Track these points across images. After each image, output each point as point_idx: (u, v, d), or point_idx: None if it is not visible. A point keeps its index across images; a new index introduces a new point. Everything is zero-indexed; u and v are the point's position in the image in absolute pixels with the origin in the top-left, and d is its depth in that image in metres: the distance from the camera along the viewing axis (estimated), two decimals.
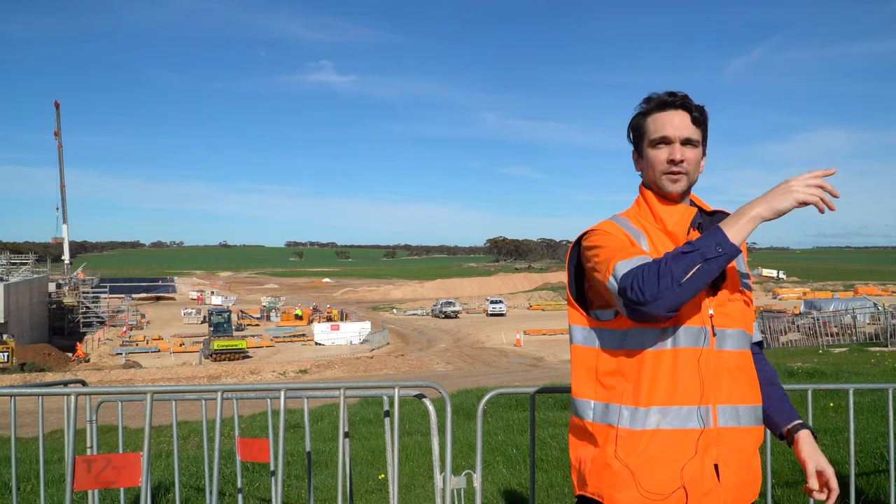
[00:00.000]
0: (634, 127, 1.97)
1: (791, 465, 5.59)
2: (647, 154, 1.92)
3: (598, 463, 1.79)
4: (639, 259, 1.71)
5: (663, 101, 1.90)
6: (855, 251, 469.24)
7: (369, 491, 5.89)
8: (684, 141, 1.87)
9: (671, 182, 1.87)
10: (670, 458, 1.72)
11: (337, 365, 34.12)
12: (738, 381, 1.81)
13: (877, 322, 24.73)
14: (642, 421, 1.73)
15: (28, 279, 55.42)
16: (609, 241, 1.81)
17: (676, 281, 1.60)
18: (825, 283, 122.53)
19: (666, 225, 1.87)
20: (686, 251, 1.63)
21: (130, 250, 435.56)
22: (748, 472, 1.80)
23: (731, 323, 1.82)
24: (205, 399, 4.59)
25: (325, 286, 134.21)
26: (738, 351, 1.82)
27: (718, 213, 1.95)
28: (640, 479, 1.71)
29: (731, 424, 1.77)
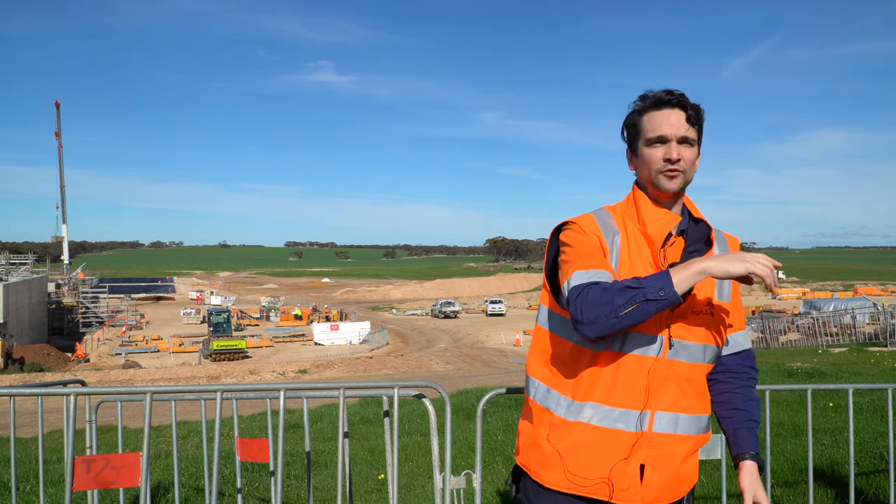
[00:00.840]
0: (630, 125, 1.95)
1: (791, 465, 5.59)
2: (643, 152, 1.90)
3: (530, 439, 1.90)
4: (595, 274, 1.74)
5: (660, 99, 1.88)
6: (854, 251, 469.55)
7: (369, 491, 5.88)
8: (681, 140, 1.86)
9: (668, 180, 1.86)
10: (599, 451, 1.79)
11: (336, 365, 34.10)
12: (684, 391, 1.84)
13: (876, 322, 24.73)
14: (576, 413, 1.81)
15: (27, 279, 55.38)
16: (577, 242, 1.84)
17: (615, 312, 1.65)
18: (825, 283, 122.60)
19: (646, 228, 1.87)
20: (632, 286, 1.66)
21: (130, 250, 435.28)
22: (674, 476, 1.85)
23: (691, 337, 1.83)
24: (204, 399, 4.59)
25: (325, 286, 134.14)
26: (691, 363, 1.84)
27: (703, 223, 1.95)
28: (568, 462, 1.81)
29: (667, 431, 1.82)
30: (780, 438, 6.63)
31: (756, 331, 33.18)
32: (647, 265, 1.84)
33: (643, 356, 1.79)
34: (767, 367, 13.63)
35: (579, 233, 1.86)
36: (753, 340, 30.38)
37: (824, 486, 4.93)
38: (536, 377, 1.94)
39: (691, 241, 1.92)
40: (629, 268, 1.83)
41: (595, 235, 1.85)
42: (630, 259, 1.84)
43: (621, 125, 1.99)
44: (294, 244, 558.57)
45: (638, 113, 1.92)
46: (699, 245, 1.92)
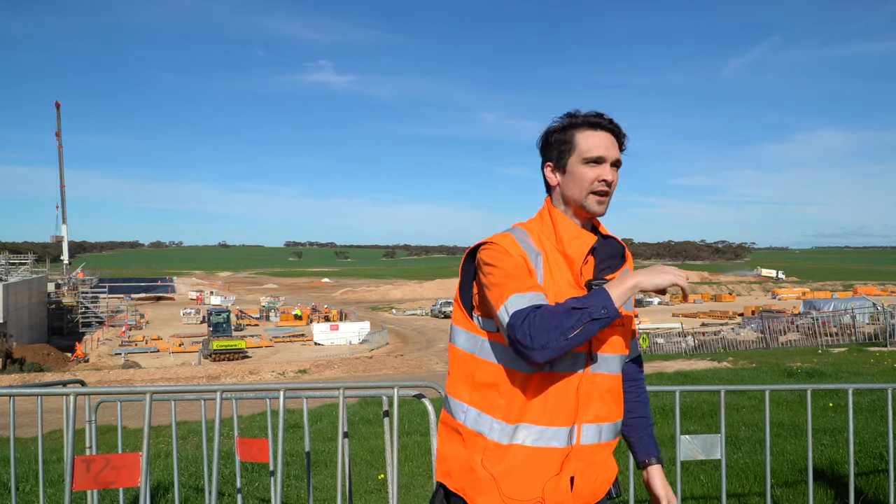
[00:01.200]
0: (559, 140, 1.93)
1: (790, 465, 5.59)
2: (574, 170, 1.90)
3: (464, 464, 1.86)
4: (533, 296, 1.75)
5: (596, 121, 1.91)
6: (854, 251, 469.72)
7: (369, 491, 5.88)
8: (614, 163, 1.91)
9: (598, 203, 1.90)
10: (533, 471, 1.81)
11: (336, 365, 34.09)
12: (606, 401, 1.90)
13: (876, 322, 24.71)
14: (510, 436, 1.81)
15: (27, 279, 55.37)
16: (505, 264, 1.81)
17: (565, 335, 1.68)
18: (824, 283, 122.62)
19: (565, 248, 1.88)
20: (577, 307, 1.70)
21: (129, 250, 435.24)
22: (598, 481, 1.92)
23: (611, 349, 1.89)
24: (204, 399, 4.58)
25: (325, 286, 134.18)
26: (611, 374, 1.91)
27: (611, 238, 1.99)
28: (503, 486, 1.80)
29: (592, 442, 1.88)
30: (780, 438, 6.64)
31: (756, 331, 33.18)
32: (568, 284, 1.86)
33: (570, 374, 1.82)
34: (767, 367, 13.64)
35: (504, 254, 1.82)
36: (753, 340, 30.37)
37: (824, 486, 4.93)
38: (463, 401, 1.90)
39: (602, 259, 1.94)
40: (553, 288, 1.84)
41: (520, 257, 1.83)
42: (553, 279, 1.85)
43: (544, 137, 1.97)
44: (294, 244, 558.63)
45: (570, 129, 1.92)
46: (613, 261, 1.95)
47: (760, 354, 19.41)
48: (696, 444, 3.52)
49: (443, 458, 1.94)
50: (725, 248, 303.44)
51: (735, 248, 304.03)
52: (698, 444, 3.52)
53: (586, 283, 1.87)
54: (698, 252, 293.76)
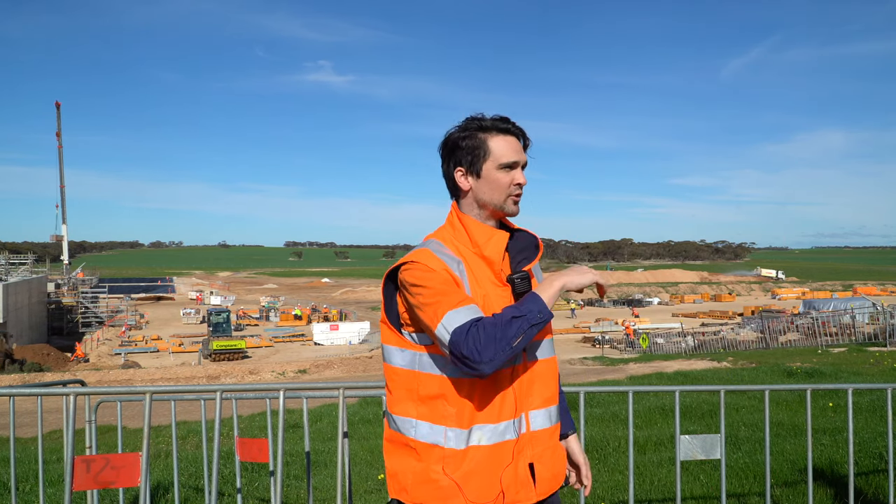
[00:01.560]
0: (472, 146, 1.95)
1: (790, 465, 5.60)
2: (490, 175, 1.94)
3: (421, 477, 1.88)
4: (468, 311, 1.78)
5: (505, 126, 1.96)
6: (853, 251, 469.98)
7: (368, 491, 5.88)
8: (523, 166, 1.99)
9: (515, 204, 1.97)
10: (491, 469, 1.86)
11: (336, 365, 34.09)
12: (547, 384, 1.98)
13: (875, 322, 24.73)
14: (465, 440, 1.86)
15: (27, 279, 55.38)
16: (432, 282, 1.82)
17: (509, 344, 1.74)
18: (824, 283, 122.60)
19: (482, 250, 1.94)
20: (517, 316, 1.77)
21: (129, 250, 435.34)
22: (557, 464, 2.02)
23: (540, 334, 1.95)
24: (204, 399, 4.59)
25: (325, 286, 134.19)
26: (546, 358, 1.99)
27: (522, 231, 2.05)
28: (466, 491, 1.85)
29: (544, 426, 1.96)
30: (780, 438, 6.64)
31: (755, 331, 33.21)
32: (492, 285, 1.92)
33: (513, 366, 1.89)
34: (767, 367, 13.64)
35: (427, 271, 1.83)
36: (753, 340, 30.39)
37: (824, 485, 4.93)
38: (411, 416, 1.91)
39: (516, 252, 2.01)
40: (480, 291, 1.89)
41: (444, 270, 1.84)
42: (478, 282, 1.90)
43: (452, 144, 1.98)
44: (294, 244, 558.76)
45: (480, 135, 1.95)
46: (527, 252, 2.02)
47: (760, 354, 19.42)
48: (696, 444, 3.52)
49: (394, 475, 1.96)
50: (725, 248, 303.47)
51: (735, 248, 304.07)
52: (698, 443, 3.53)
53: (507, 278, 1.94)
54: (698, 252, 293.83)
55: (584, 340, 49.49)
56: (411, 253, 1.92)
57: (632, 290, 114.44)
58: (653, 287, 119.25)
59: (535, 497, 1.92)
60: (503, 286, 1.93)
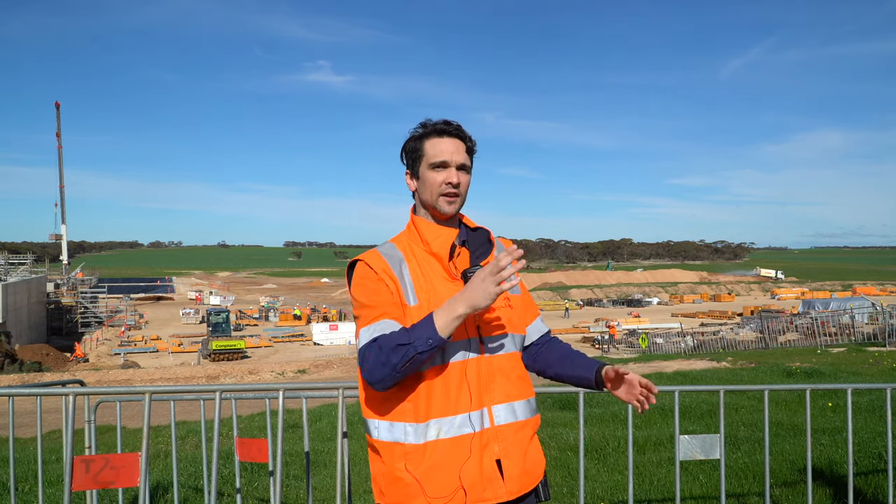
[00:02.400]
0: (411, 149, 2.09)
1: (790, 465, 5.60)
2: (425, 175, 2.05)
3: (388, 477, 1.95)
4: (374, 328, 1.91)
5: (441, 128, 2.05)
6: (853, 251, 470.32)
7: (368, 491, 5.88)
8: (459, 166, 2.05)
9: (447, 203, 2.03)
10: (449, 463, 1.89)
11: (335, 365, 34.08)
12: (511, 380, 2.01)
13: (875, 322, 24.74)
14: (423, 434, 1.90)
15: (26, 279, 55.35)
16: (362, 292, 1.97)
17: (395, 369, 1.83)
18: (823, 283, 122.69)
19: (431, 247, 2.03)
20: (403, 343, 1.83)
21: (129, 250, 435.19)
22: (528, 461, 2.00)
23: (499, 329, 2.02)
24: (203, 399, 4.58)
25: (324, 286, 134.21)
26: (508, 354, 2.03)
27: (480, 229, 2.14)
28: (426, 487, 1.89)
29: (509, 421, 1.97)
30: (779, 438, 6.64)
31: (755, 331, 33.23)
32: (442, 279, 2.00)
33: (465, 360, 1.94)
34: (766, 367, 13.64)
35: (364, 277, 1.98)
36: (752, 340, 30.40)
37: (823, 485, 4.94)
38: (374, 417, 1.99)
39: (474, 248, 2.10)
40: (426, 286, 1.97)
41: (382, 271, 1.97)
42: (425, 278, 1.99)
43: (401, 149, 2.13)
44: (293, 244, 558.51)
45: (419, 138, 2.07)
46: (483, 248, 2.10)
47: (759, 354, 19.41)
48: (696, 444, 3.53)
49: (374, 479, 2.02)
50: (724, 248, 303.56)
51: (734, 248, 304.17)
52: (697, 443, 3.53)
53: (462, 272, 2.01)
54: (697, 252, 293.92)
55: (583, 340, 49.53)
56: (364, 253, 2.06)
57: (631, 290, 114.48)
58: (652, 287, 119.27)
59: (505, 496, 1.92)
60: (455, 281, 2.00)
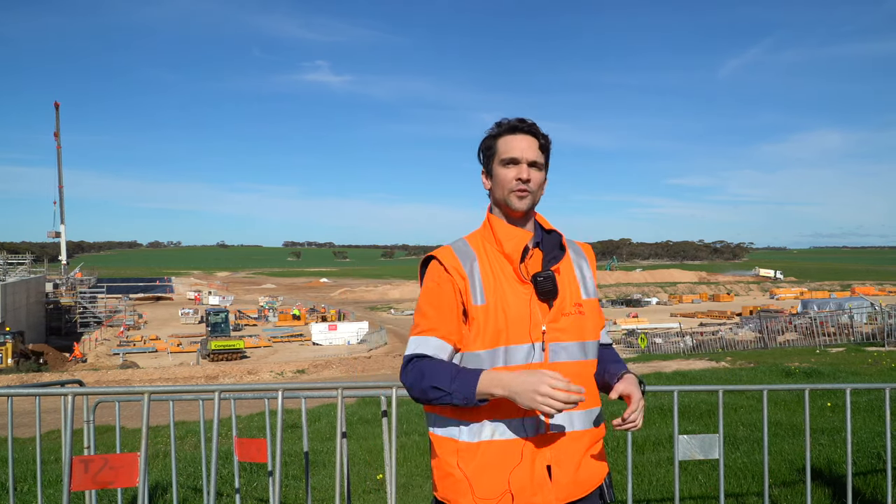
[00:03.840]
0: (486, 147, 2.10)
1: (788, 464, 5.60)
2: (496, 172, 2.06)
3: (441, 471, 1.99)
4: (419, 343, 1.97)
5: (514, 125, 2.06)
6: (852, 251, 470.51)
7: (367, 491, 5.88)
8: (531, 163, 2.03)
9: (518, 199, 2.02)
10: (500, 466, 1.90)
11: (334, 365, 34.11)
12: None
13: (874, 322, 24.75)
14: (477, 434, 1.92)
15: (25, 279, 55.30)
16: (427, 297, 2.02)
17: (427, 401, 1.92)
18: (822, 282, 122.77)
19: (504, 247, 2.03)
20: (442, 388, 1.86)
21: (128, 250, 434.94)
22: (581, 470, 1.97)
23: (565, 337, 1.98)
24: (202, 399, 4.58)
25: (323, 286, 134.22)
26: (573, 362, 1.99)
27: (554, 232, 2.11)
28: (475, 486, 1.91)
29: (564, 429, 1.95)
30: (778, 438, 6.64)
31: (754, 331, 33.22)
32: (511, 280, 2.00)
33: (527, 365, 1.93)
34: (765, 367, 13.65)
35: (433, 278, 2.01)
36: (751, 340, 30.40)
37: (822, 485, 4.94)
38: (432, 410, 2.01)
39: (548, 250, 2.08)
40: (495, 286, 1.98)
41: (452, 269, 1.99)
42: (494, 278, 1.99)
43: (478, 148, 2.14)
44: (292, 244, 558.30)
45: (493, 137, 2.08)
46: (555, 252, 2.08)
47: (758, 354, 19.42)
48: (695, 444, 3.53)
49: (433, 471, 2.05)
50: (724, 248, 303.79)
51: (733, 248, 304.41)
52: (696, 443, 3.53)
53: (532, 276, 1.99)
54: (696, 252, 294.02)
55: None
56: (438, 248, 2.08)
57: (630, 290, 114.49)
58: (651, 287, 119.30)
59: (553, 501, 1.91)
60: (524, 284, 1.98)
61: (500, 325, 1.93)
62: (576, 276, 2.07)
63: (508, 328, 1.93)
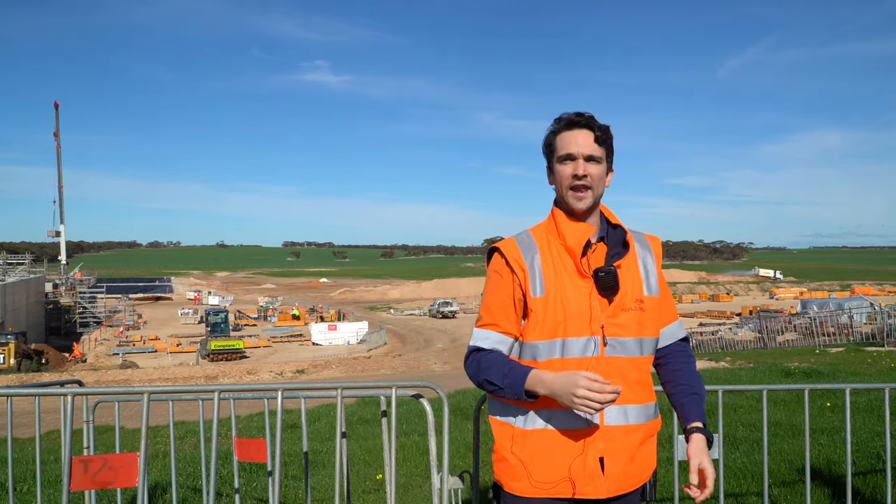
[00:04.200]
0: (546, 145, 2.12)
1: (788, 464, 5.60)
2: (556, 169, 2.08)
3: (497, 454, 2.07)
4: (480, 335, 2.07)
5: (571, 120, 2.05)
6: (851, 251, 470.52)
7: (366, 491, 5.88)
8: (587, 158, 2.03)
9: (576, 199, 2.03)
10: (557, 454, 1.96)
11: (334, 365, 34.09)
12: (628, 383, 2.01)
13: (873, 322, 24.78)
14: (533, 422, 1.99)
15: (24, 279, 55.24)
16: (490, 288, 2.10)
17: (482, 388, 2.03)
18: (822, 282, 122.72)
19: (566, 241, 2.05)
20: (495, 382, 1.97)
21: (127, 250, 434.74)
22: (633, 464, 2.02)
23: (624, 332, 2.00)
24: (202, 399, 4.57)
25: (323, 286, 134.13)
26: (629, 357, 2.02)
27: (619, 227, 2.12)
28: (531, 470, 1.97)
29: (619, 423, 1.99)
30: (778, 438, 6.64)
31: (753, 331, 33.21)
32: (572, 274, 2.02)
33: (583, 358, 1.97)
34: (765, 367, 13.65)
35: (495, 270, 2.08)
36: (751, 340, 30.40)
37: (821, 485, 4.94)
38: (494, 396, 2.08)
39: (613, 244, 2.09)
40: (555, 279, 2.01)
41: (513, 261, 2.04)
42: (555, 271, 2.02)
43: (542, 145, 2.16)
44: (292, 244, 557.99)
45: (553, 133, 2.09)
46: (618, 248, 2.09)
47: (758, 354, 19.43)
48: None
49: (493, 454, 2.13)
50: (723, 248, 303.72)
51: (733, 248, 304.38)
52: None
53: (594, 271, 2.01)
54: (696, 252, 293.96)
55: None
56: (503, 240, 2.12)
57: None
58: None
59: (604, 493, 1.96)
60: (585, 278, 2.01)
61: (559, 317, 1.96)
62: (639, 272, 2.08)
63: (567, 321, 1.96)
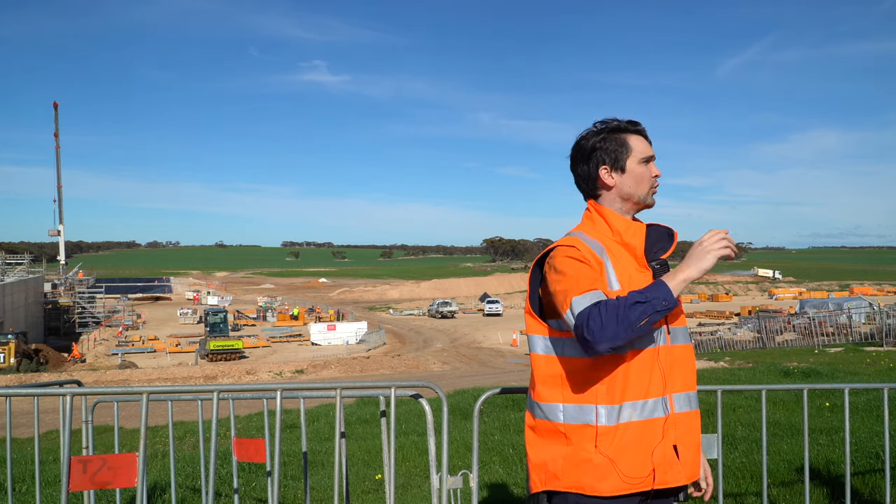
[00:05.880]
0: (618, 143, 2.16)
1: (787, 464, 5.61)
2: (634, 170, 2.15)
3: (573, 459, 1.99)
4: (593, 295, 1.91)
5: (640, 127, 2.21)
6: (850, 251, 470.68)
7: (366, 491, 5.88)
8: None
9: (653, 196, 2.19)
10: (642, 445, 1.98)
11: (333, 365, 34.09)
12: (686, 370, 2.11)
13: (872, 322, 24.81)
14: (616, 416, 1.97)
15: (23, 279, 55.23)
16: (570, 269, 1.99)
17: (632, 326, 1.85)
18: (821, 282, 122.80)
19: (623, 237, 2.11)
20: (640, 301, 1.87)
21: (126, 250, 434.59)
22: (697, 450, 2.11)
23: (678, 322, 2.11)
24: (201, 399, 4.57)
25: (322, 286, 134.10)
26: (684, 345, 2.12)
27: (654, 226, 2.21)
28: (620, 466, 1.95)
29: (685, 409, 2.08)
30: (777, 438, 6.65)
31: (752, 330, 33.25)
32: (635, 270, 2.08)
33: (656, 347, 2.02)
34: (764, 367, 13.67)
35: (570, 258, 2.01)
36: (750, 340, 30.43)
37: (820, 485, 4.94)
38: (557, 401, 2.04)
39: (653, 242, 2.16)
40: (627, 277, 2.04)
41: (589, 253, 2.02)
42: (623, 266, 2.07)
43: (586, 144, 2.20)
44: (291, 244, 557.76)
45: (620, 134, 2.17)
46: (663, 242, 2.18)
47: (757, 354, 19.46)
48: None
49: (541, 465, 2.06)
50: None
51: None
52: None
53: (651, 263, 2.11)
54: None
55: None
56: (560, 240, 2.11)
57: None
58: None
59: (683, 479, 2.02)
60: (645, 271, 2.08)
61: None
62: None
63: None
